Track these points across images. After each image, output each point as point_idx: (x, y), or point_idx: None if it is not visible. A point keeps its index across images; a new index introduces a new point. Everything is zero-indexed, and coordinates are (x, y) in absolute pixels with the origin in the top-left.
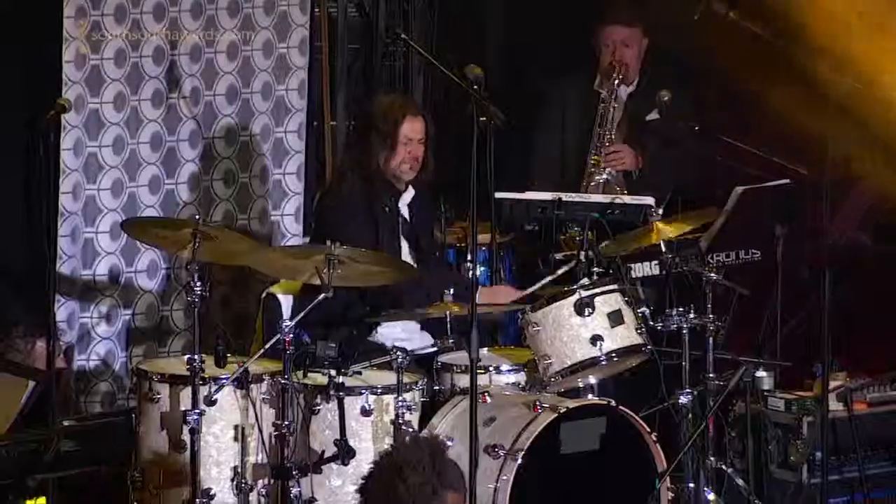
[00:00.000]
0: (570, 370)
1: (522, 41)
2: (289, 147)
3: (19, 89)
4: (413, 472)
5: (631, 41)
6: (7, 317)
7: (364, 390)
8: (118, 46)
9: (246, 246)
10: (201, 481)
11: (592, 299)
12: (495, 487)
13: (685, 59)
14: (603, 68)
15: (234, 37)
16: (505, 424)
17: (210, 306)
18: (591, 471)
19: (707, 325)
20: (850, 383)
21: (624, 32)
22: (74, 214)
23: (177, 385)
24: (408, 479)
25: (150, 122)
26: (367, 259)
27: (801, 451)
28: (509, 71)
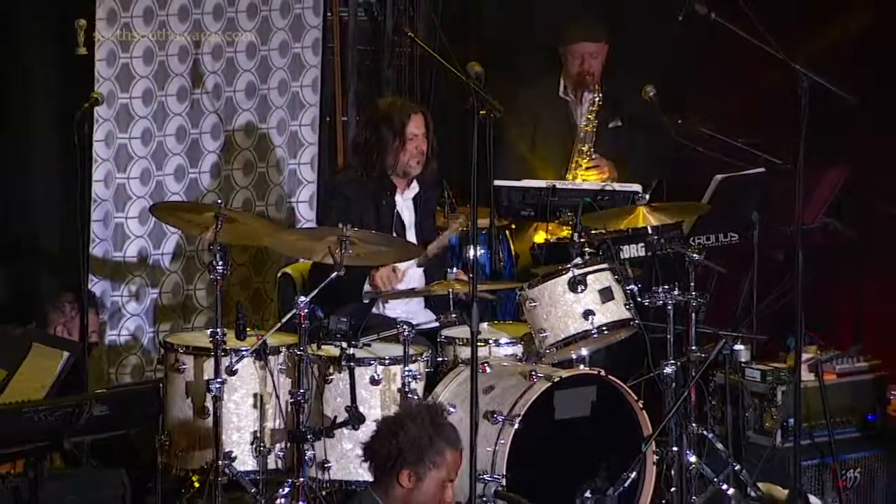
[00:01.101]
0: (564, 342)
1: (508, 44)
2: (303, 139)
3: (55, 84)
4: (412, 424)
5: (598, 53)
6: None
7: (373, 361)
8: (146, 46)
9: (264, 228)
10: (223, 445)
11: (585, 277)
12: (494, 450)
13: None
14: (572, 78)
15: (252, 37)
16: (503, 392)
17: (230, 285)
18: (582, 435)
19: (689, 301)
20: (821, 356)
21: (592, 47)
22: (106, 201)
23: (200, 356)
24: (408, 431)
25: (176, 116)
26: (375, 240)
27: (776, 418)
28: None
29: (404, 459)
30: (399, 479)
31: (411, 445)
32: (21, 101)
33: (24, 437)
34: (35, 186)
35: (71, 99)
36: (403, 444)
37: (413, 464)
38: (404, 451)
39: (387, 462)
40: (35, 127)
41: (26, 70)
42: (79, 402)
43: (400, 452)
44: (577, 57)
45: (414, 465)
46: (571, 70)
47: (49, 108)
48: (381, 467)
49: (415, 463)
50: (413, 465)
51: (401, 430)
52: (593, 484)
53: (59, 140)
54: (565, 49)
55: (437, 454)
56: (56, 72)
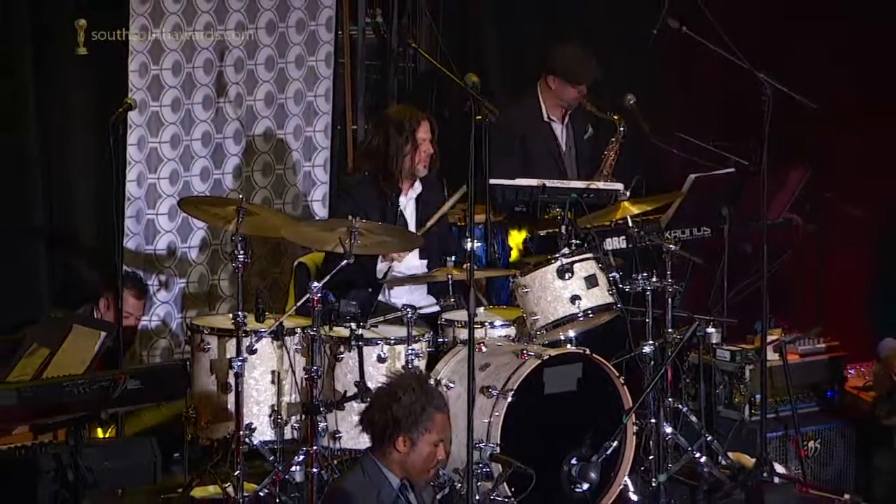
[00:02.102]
0: (553, 324)
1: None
2: (317, 144)
3: (91, 89)
4: (405, 395)
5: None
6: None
7: (380, 341)
8: (175, 59)
9: (280, 221)
10: (244, 417)
11: (572, 265)
12: (489, 422)
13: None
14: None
15: (270, 52)
16: (497, 369)
17: (251, 275)
18: (569, 408)
19: (666, 288)
20: (785, 337)
21: (584, 87)
22: (138, 199)
23: (224, 337)
24: (401, 402)
25: (201, 122)
26: (380, 231)
27: (744, 394)
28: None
29: (400, 427)
30: (396, 445)
31: (405, 415)
32: (61, 105)
33: (64, 409)
34: (74, 185)
35: (106, 103)
36: (398, 413)
37: (408, 430)
38: (400, 420)
39: (384, 431)
40: (74, 129)
41: (66, 75)
42: (114, 377)
43: (396, 421)
44: (571, 93)
45: (409, 431)
46: (567, 98)
47: (86, 111)
48: (378, 435)
49: (409, 429)
50: (408, 431)
51: (394, 401)
52: (579, 452)
53: (96, 142)
54: (563, 81)
55: (428, 419)
56: (92, 77)
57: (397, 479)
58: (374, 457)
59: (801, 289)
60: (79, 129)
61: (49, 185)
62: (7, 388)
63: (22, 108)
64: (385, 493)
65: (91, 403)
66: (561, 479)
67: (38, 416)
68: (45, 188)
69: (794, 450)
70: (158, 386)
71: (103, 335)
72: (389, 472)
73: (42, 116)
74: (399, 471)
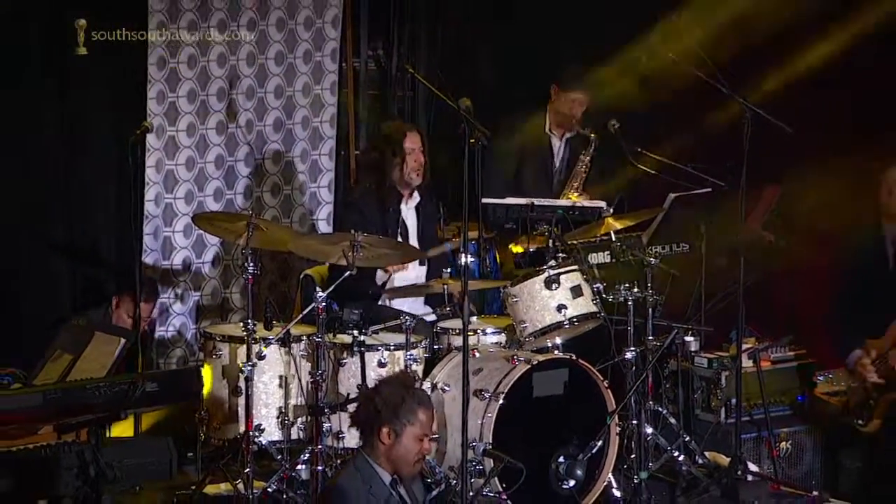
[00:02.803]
0: (541, 332)
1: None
2: (322, 166)
3: (110, 111)
4: (386, 387)
5: (584, 102)
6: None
7: (380, 347)
8: (190, 87)
9: (287, 235)
10: (253, 418)
11: (558, 276)
12: (482, 422)
13: None
14: (559, 116)
15: (279, 80)
16: (489, 374)
17: (261, 288)
18: (556, 410)
19: (647, 298)
20: (758, 346)
21: (582, 96)
22: (156, 217)
23: (234, 343)
24: (382, 393)
25: (215, 146)
26: (382, 244)
27: (720, 398)
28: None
29: (382, 417)
30: (380, 437)
31: (385, 405)
32: (81, 122)
33: (86, 409)
34: (95, 202)
35: (124, 123)
36: (379, 404)
37: (390, 421)
38: (381, 410)
39: (368, 423)
40: (94, 150)
41: (89, 95)
42: (133, 380)
43: (378, 412)
44: (568, 102)
45: (391, 421)
46: (562, 109)
47: (105, 130)
48: (364, 429)
49: (391, 420)
50: (390, 421)
51: (376, 394)
52: (566, 451)
53: (116, 162)
54: (560, 92)
55: (409, 412)
56: (110, 99)
57: (388, 475)
58: (365, 453)
59: (774, 301)
60: (98, 147)
61: (69, 201)
62: (33, 391)
63: (44, 124)
64: (377, 487)
65: (111, 405)
66: (549, 476)
67: (61, 416)
68: (65, 204)
69: (766, 450)
70: (174, 389)
71: (123, 342)
72: (380, 468)
73: (63, 132)
74: (387, 465)
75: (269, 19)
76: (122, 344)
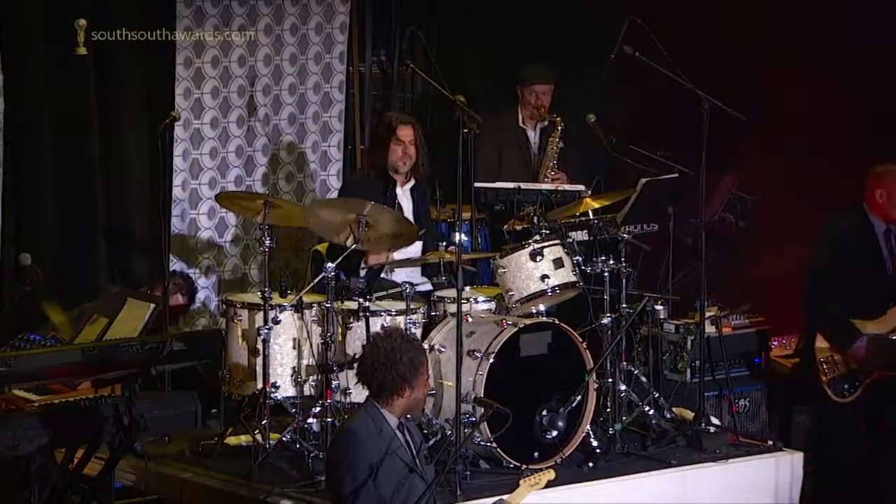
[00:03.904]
0: (526, 299)
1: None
2: (331, 157)
3: (143, 101)
4: (404, 354)
5: (548, 92)
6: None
7: (383, 313)
8: (213, 85)
9: (300, 211)
10: (270, 377)
11: (542, 250)
12: (474, 379)
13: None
14: (528, 110)
15: (293, 79)
16: (481, 336)
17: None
18: (541, 368)
19: (621, 270)
20: (719, 314)
21: (544, 87)
22: (183, 201)
23: (253, 310)
24: (403, 362)
25: (235, 138)
26: (385, 224)
27: (686, 361)
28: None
29: (406, 382)
30: (402, 395)
31: (409, 371)
32: (117, 117)
33: (120, 366)
34: (129, 187)
35: (155, 116)
36: (403, 372)
37: (410, 382)
38: (406, 377)
39: (393, 387)
40: (129, 142)
41: (124, 87)
42: (162, 340)
43: (403, 378)
44: (533, 94)
45: (411, 382)
46: (528, 103)
47: (139, 122)
48: (387, 390)
49: (412, 381)
50: (410, 382)
51: (398, 361)
52: (549, 405)
53: (147, 149)
54: (524, 88)
55: (421, 366)
56: (143, 92)
57: (395, 420)
58: (377, 403)
59: (733, 274)
60: (132, 136)
61: (108, 188)
62: (73, 348)
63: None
64: (385, 431)
65: (143, 361)
66: (534, 427)
67: (98, 371)
68: (105, 191)
69: (726, 406)
70: (198, 347)
71: (152, 307)
72: (389, 415)
73: (102, 127)
74: (399, 413)
75: (283, 24)
76: (151, 309)
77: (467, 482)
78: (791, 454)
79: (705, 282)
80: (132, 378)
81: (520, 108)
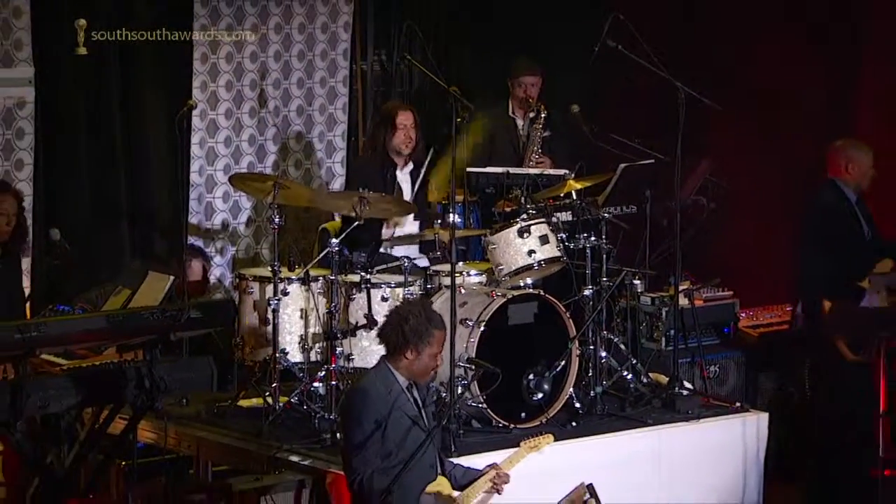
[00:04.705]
0: (515, 272)
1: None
2: (336, 146)
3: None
4: (413, 318)
5: (536, 83)
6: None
7: (383, 285)
8: (227, 79)
9: (307, 192)
10: (279, 344)
11: (529, 227)
12: (466, 346)
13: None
14: (517, 101)
15: (301, 74)
16: (472, 306)
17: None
18: (527, 335)
19: (602, 247)
20: (692, 287)
21: (532, 79)
22: (200, 185)
23: (263, 282)
24: (410, 323)
25: (248, 128)
26: (383, 200)
27: (661, 330)
28: None
29: (408, 343)
30: (405, 355)
31: (413, 333)
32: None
33: (142, 333)
34: (151, 174)
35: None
36: (408, 333)
37: (415, 344)
38: (409, 337)
39: (397, 345)
40: (151, 133)
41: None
42: (180, 308)
43: (406, 338)
44: (521, 86)
45: (415, 345)
46: (518, 94)
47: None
48: (392, 348)
49: (416, 344)
50: (415, 345)
51: (405, 322)
52: (535, 369)
53: (166, 138)
54: (513, 80)
55: (430, 336)
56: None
57: (405, 380)
58: (388, 363)
59: (705, 251)
60: (153, 124)
61: (131, 174)
62: (99, 315)
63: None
64: (394, 390)
65: (163, 328)
66: (521, 390)
67: (122, 337)
68: (128, 176)
69: (698, 371)
70: (214, 315)
71: (171, 279)
72: (398, 375)
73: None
74: (406, 374)
75: (292, 24)
76: (170, 281)
77: (461, 440)
78: (757, 414)
79: (679, 258)
80: (153, 344)
81: (510, 99)
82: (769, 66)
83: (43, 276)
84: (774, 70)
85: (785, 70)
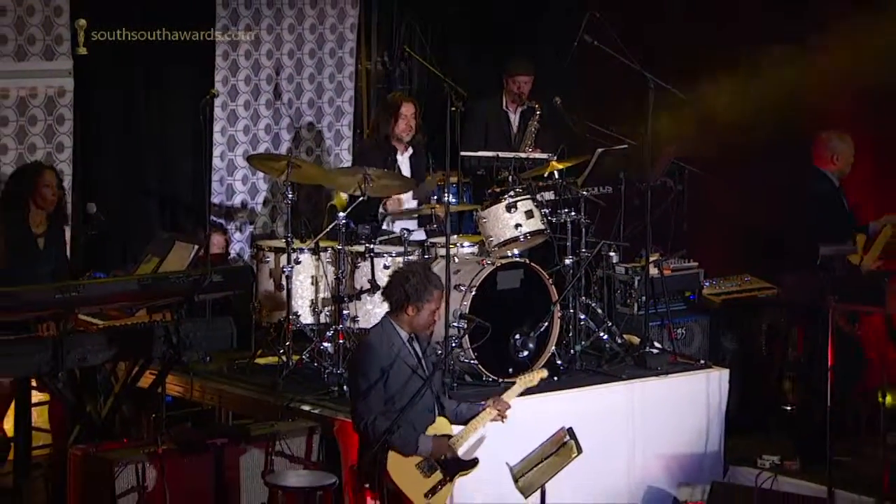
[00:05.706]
0: (503, 244)
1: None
2: (343, 135)
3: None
4: (414, 277)
5: (528, 81)
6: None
7: (385, 254)
8: (246, 73)
9: (318, 171)
10: (292, 307)
11: (516, 203)
12: (459, 308)
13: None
14: (511, 95)
15: (312, 70)
16: (465, 273)
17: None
18: (514, 299)
19: (581, 221)
20: (661, 258)
21: (525, 78)
22: (221, 169)
23: (278, 252)
24: (411, 282)
25: (264, 118)
26: (385, 176)
27: (634, 297)
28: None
29: (409, 299)
30: (406, 311)
31: (414, 291)
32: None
33: (169, 295)
34: (177, 156)
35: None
36: (409, 290)
37: (415, 301)
38: (409, 294)
39: (399, 301)
40: (178, 122)
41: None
42: (203, 272)
43: (408, 295)
44: (515, 83)
45: (415, 302)
46: (512, 90)
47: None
48: (395, 304)
49: (416, 301)
50: (415, 302)
51: (407, 281)
52: (521, 330)
53: (191, 127)
54: (508, 77)
55: (429, 294)
56: (189, 82)
57: (406, 334)
58: (391, 319)
59: (673, 227)
60: (178, 113)
61: (161, 155)
62: (132, 279)
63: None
64: (396, 343)
65: (188, 291)
66: (508, 348)
67: (151, 299)
68: (159, 157)
69: (667, 333)
70: (233, 279)
71: (195, 247)
72: (400, 329)
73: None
74: (407, 328)
75: (304, 24)
76: (195, 249)
77: (454, 391)
78: (719, 371)
79: (650, 233)
80: (179, 305)
81: (504, 94)
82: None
83: (81, 247)
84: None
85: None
